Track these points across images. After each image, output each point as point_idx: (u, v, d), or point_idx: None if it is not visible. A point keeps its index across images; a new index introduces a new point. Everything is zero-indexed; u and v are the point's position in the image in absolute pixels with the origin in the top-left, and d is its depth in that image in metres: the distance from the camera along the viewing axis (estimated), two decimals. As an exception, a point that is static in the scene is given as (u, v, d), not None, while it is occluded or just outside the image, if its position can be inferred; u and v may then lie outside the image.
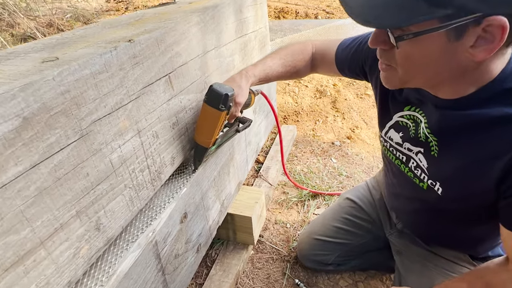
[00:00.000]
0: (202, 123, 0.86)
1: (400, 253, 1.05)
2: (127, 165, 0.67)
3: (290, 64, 0.99)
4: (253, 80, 0.91)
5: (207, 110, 0.82)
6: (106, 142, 0.60)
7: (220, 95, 0.78)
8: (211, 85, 0.80)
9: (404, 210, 0.98)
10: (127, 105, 0.65)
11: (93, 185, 0.58)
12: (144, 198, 0.74)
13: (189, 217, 0.93)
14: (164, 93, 0.77)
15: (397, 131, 0.82)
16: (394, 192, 0.99)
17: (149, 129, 0.73)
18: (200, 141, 0.88)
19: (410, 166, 0.82)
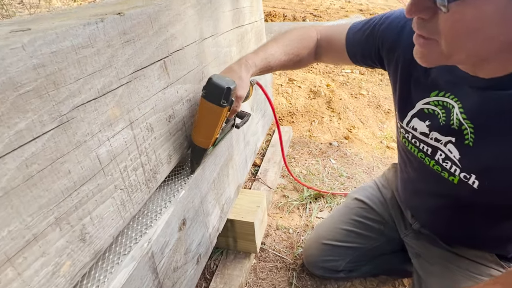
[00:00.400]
0: (200, 121, 0.75)
1: (419, 255, 0.97)
2: (118, 162, 0.56)
3: (293, 52, 0.90)
4: (254, 70, 0.82)
5: (206, 107, 0.71)
6: (92, 133, 0.50)
7: (221, 89, 0.68)
8: (210, 78, 0.68)
9: (425, 208, 0.89)
10: (117, 89, 0.55)
11: (77, 185, 0.47)
12: (138, 202, 0.63)
13: (188, 223, 0.82)
14: (159, 80, 0.67)
15: (422, 120, 0.74)
16: (412, 188, 0.91)
17: (143, 121, 0.62)
18: (198, 142, 0.78)
19: (437, 159, 0.74)
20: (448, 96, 0.68)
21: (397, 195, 1.07)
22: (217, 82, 0.68)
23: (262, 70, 0.85)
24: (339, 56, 0.93)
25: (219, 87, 0.68)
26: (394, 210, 1.07)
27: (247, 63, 0.80)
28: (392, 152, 1.96)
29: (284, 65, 0.90)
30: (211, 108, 0.70)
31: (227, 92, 0.68)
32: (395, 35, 0.77)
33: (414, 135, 0.77)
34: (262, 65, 0.83)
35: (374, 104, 2.35)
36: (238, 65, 0.79)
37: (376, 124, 2.19)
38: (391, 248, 1.09)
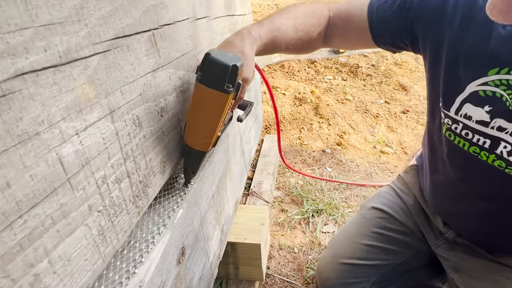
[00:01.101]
0: (196, 116, 0.55)
1: (458, 269, 0.82)
2: (93, 170, 0.37)
3: (303, 29, 0.74)
4: (259, 45, 0.64)
5: (204, 95, 0.51)
6: (49, 121, 0.30)
7: (225, 68, 0.49)
8: (207, 54, 0.50)
9: (468, 213, 0.75)
10: (90, 59, 0.36)
11: (22, 208, 0.28)
12: (124, 228, 0.43)
13: (187, 253, 0.62)
14: (147, 57, 0.48)
15: (478, 105, 0.61)
16: (451, 192, 0.77)
17: (128, 111, 0.43)
18: (194, 144, 0.58)
19: (500, 152, 0.60)
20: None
21: (422, 201, 0.93)
22: (218, 59, 0.49)
23: (267, 47, 0.68)
24: (358, 37, 0.79)
25: (221, 65, 0.49)
26: (420, 218, 0.92)
27: (250, 35, 0.62)
28: (388, 157, 1.86)
29: (291, 43, 0.73)
30: (212, 95, 0.51)
31: (232, 72, 0.49)
32: (438, 4, 0.64)
33: (467, 125, 0.63)
34: (268, 39, 0.66)
35: (362, 109, 2.27)
36: (239, 37, 0.61)
37: (367, 129, 2.10)
38: (419, 262, 0.95)
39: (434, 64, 0.69)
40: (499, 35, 0.57)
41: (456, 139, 0.67)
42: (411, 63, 2.79)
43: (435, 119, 0.75)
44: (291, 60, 2.87)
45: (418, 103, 2.33)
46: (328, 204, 1.43)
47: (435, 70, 0.69)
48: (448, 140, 0.70)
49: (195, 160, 0.61)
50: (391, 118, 2.19)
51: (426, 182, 0.88)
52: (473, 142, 0.64)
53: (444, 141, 0.71)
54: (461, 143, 0.66)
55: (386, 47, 0.79)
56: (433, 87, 0.72)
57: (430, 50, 0.69)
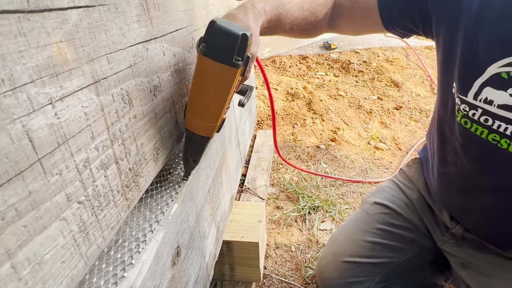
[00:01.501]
0: (200, 95, 0.47)
1: (466, 266, 0.78)
2: (72, 151, 0.29)
3: (309, 8, 0.68)
4: (263, 20, 0.58)
5: (209, 69, 0.44)
6: (12, 82, 0.23)
7: (235, 37, 0.42)
8: (212, 22, 0.43)
9: (480, 207, 0.71)
10: (68, 11, 0.29)
11: (-26, 194, 0.21)
12: (111, 225, 0.36)
13: (183, 253, 0.55)
14: (139, 24, 0.41)
15: (501, 88, 0.56)
16: (463, 185, 0.72)
17: (116, 83, 0.36)
18: (197, 128, 0.50)
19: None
20: None
21: (427, 195, 0.88)
22: (226, 27, 0.42)
23: (271, 24, 0.61)
24: (365, 19, 0.73)
25: (230, 34, 0.42)
26: (425, 213, 0.88)
27: (254, 8, 0.55)
28: (382, 153, 1.83)
29: (296, 24, 0.67)
30: (218, 70, 0.44)
31: (242, 42, 0.42)
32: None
33: (487, 110, 0.59)
34: (273, 15, 0.60)
35: (355, 105, 2.23)
36: (242, 10, 0.54)
37: (360, 125, 2.06)
38: (424, 259, 0.90)
39: (449, 47, 0.64)
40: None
41: (473, 127, 0.62)
42: (402, 60, 2.79)
43: (446, 107, 0.70)
44: (283, 56, 2.81)
45: (411, 99, 2.31)
46: (324, 201, 1.38)
47: (450, 53, 0.65)
48: (463, 129, 0.65)
49: (197, 147, 0.54)
50: (384, 114, 2.17)
51: (432, 175, 0.84)
52: (493, 128, 0.59)
53: (458, 130, 0.67)
54: (478, 131, 0.62)
55: (395, 31, 0.74)
56: (446, 72, 0.67)
57: (444, 32, 0.64)
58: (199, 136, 0.51)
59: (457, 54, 0.62)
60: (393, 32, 0.75)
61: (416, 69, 2.69)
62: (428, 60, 2.82)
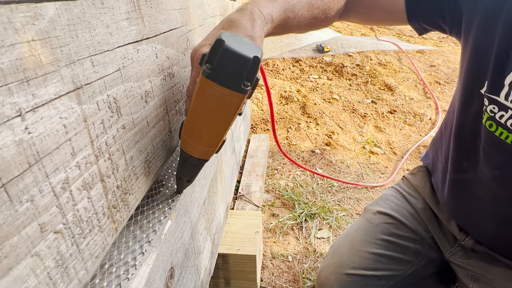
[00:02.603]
0: (200, 118, 0.41)
1: (477, 278, 0.75)
2: (47, 171, 0.25)
3: (320, 6, 0.63)
4: (269, 28, 0.52)
5: (213, 94, 0.38)
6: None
7: (245, 61, 0.36)
8: (219, 40, 0.35)
9: (494, 218, 0.67)
10: (43, 4, 0.24)
11: None
12: (95, 253, 0.31)
13: (177, 274, 0.50)
14: (128, 22, 0.37)
15: None
16: (481, 193, 0.68)
17: (102, 90, 0.32)
18: (195, 151, 0.45)
19: None
20: None
21: (434, 205, 0.85)
22: (235, 49, 0.36)
23: (276, 30, 0.56)
24: (387, 12, 0.69)
25: (240, 57, 0.36)
26: (431, 223, 0.85)
27: (260, 14, 0.49)
28: (377, 158, 1.81)
29: (304, 24, 0.62)
30: (223, 95, 0.37)
31: (253, 65, 0.36)
32: None
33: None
34: (280, 21, 0.54)
35: (349, 109, 2.21)
36: (247, 16, 0.48)
37: (355, 129, 2.04)
38: (429, 271, 0.87)
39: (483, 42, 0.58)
40: None
41: (498, 130, 0.58)
42: (395, 64, 2.79)
43: (470, 108, 0.65)
44: (276, 58, 2.78)
45: (404, 103, 2.31)
46: (321, 208, 1.35)
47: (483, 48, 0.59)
48: (487, 132, 0.61)
49: (192, 169, 0.48)
50: (379, 118, 2.15)
51: (442, 182, 0.80)
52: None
53: (483, 133, 0.62)
54: (503, 135, 0.57)
55: (418, 25, 0.69)
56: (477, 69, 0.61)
57: (478, 26, 0.59)
58: (195, 159, 0.46)
59: (493, 49, 0.57)
60: (413, 26, 0.70)
61: (408, 72, 2.69)
62: (420, 64, 2.83)
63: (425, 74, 2.66)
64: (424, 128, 2.08)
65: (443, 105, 2.27)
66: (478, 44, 0.60)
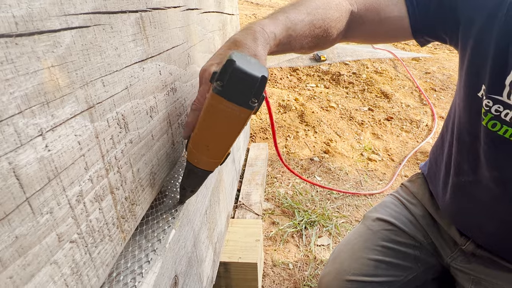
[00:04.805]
0: (208, 132, 0.45)
1: (479, 282, 0.76)
2: (64, 185, 0.27)
3: (322, 25, 0.64)
4: (272, 46, 0.55)
5: (222, 109, 0.41)
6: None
7: (253, 80, 0.39)
8: (230, 60, 0.39)
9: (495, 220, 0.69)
10: (61, 33, 0.26)
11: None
12: (105, 261, 0.33)
13: (180, 282, 0.52)
14: (134, 44, 0.39)
15: None
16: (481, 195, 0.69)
17: (111, 107, 0.34)
18: (200, 162, 0.47)
19: None
20: None
21: (433, 211, 0.87)
22: (245, 69, 0.39)
23: (279, 48, 0.58)
24: (392, 30, 0.71)
25: (249, 76, 0.39)
26: (431, 229, 0.86)
27: (263, 32, 0.52)
28: (375, 165, 1.83)
29: (307, 43, 0.64)
30: (232, 111, 0.41)
31: (261, 84, 0.40)
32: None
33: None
34: (282, 39, 0.57)
35: (347, 116, 2.24)
36: (250, 35, 0.51)
37: (353, 136, 2.07)
38: (428, 277, 0.88)
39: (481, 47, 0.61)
40: None
41: (503, 128, 0.60)
42: (391, 71, 2.83)
43: (470, 111, 0.68)
44: (273, 68, 2.83)
45: (401, 110, 2.34)
46: (320, 215, 1.36)
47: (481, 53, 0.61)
48: (489, 132, 0.63)
49: (197, 180, 0.51)
50: (376, 125, 2.18)
51: (443, 187, 0.81)
52: None
53: (483, 134, 0.64)
54: (508, 133, 0.59)
55: (422, 39, 0.72)
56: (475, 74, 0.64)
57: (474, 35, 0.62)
58: (200, 170, 0.48)
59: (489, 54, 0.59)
60: (418, 40, 0.73)
61: (404, 80, 2.73)
62: (416, 71, 2.87)
63: (420, 81, 2.71)
64: (421, 134, 2.10)
65: (439, 112, 2.30)
66: (476, 50, 0.63)
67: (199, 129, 0.44)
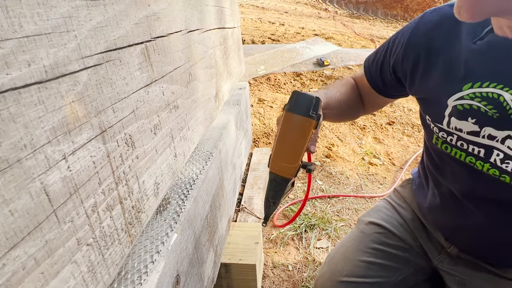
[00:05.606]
0: (284, 142, 0.61)
1: (464, 284, 0.80)
2: (82, 198, 0.32)
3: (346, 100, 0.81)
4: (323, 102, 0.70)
5: (292, 121, 0.59)
6: (33, 146, 0.26)
7: (310, 99, 0.59)
8: (295, 91, 0.60)
9: (470, 227, 0.74)
10: (79, 73, 0.32)
11: (0, 249, 0.23)
12: (116, 261, 0.39)
13: (182, 281, 0.58)
14: (140, 71, 0.45)
15: (462, 118, 0.62)
16: (449, 206, 0.75)
17: (120, 130, 0.40)
18: (279, 169, 0.61)
19: (494, 161, 0.60)
20: (488, 85, 0.56)
21: (421, 215, 0.91)
22: (304, 93, 0.60)
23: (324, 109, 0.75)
24: (371, 94, 0.84)
25: (307, 96, 0.59)
26: (420, 233, 0.91)
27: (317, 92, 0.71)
28: (376, 169, 1.87)
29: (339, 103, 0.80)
30: (298, 121, 0.58)
31: (316, 102, 0.59)
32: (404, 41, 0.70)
33: (461, 136, 0.64)
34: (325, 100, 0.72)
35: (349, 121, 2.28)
36: None
37: (355, 141, 2.11)
38: (418, 278, 0.92)
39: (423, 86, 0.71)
40: (471, 50, 0.60)
41: (453, 151, 0.67)
42: (393, 76, 2.86)
43: (431, 136, 0.75)
44: (277, 73, 2.88)
45: (403, 114, 2.37)
46: (320, 219, 1.41)
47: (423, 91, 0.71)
48: (443, 153, 0.69)
49: (278, 189, 0.63)
50: (378, 130, 2.21)
51: (422, 196, 0.87)
52: (469, 152, 0.64)
53: (442, 153, 0.71)
54: (457, 154, 0.66)
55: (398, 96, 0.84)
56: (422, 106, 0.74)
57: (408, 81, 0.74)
58: (280, 177, 0.60)
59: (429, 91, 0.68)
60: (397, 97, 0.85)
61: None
62: (419, 75, 2.90)
63: (423, 85, 2.73)
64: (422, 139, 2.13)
65: (441, 116, 2.32)
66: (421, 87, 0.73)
67: (277, 143, 0.60)
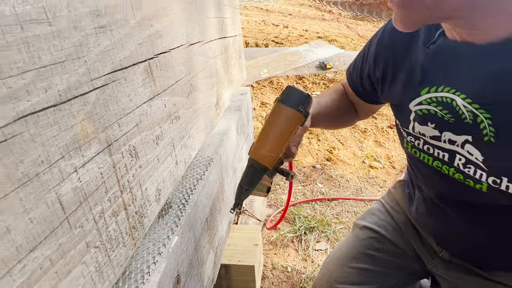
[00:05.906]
0: (270, 130, 0.62)
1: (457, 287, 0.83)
2: (91, 206, 0.36)
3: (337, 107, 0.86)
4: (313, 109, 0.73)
5: (280, 111, 0.61)
6: (49, 161, 0.30)
7: (303, 94, 0.61)
8: (288, 85, 0.62)
9: (453, 231, 0.76)
10: (88, 95, 0.36)
11: (21, 252, 0.27)
12: (120, 262, 0.43)
13: (182, 281, 0.61)
14: (143, 87, 0.49)
15: (423, 123, 0.64)
16: (432, 211, 0.78)
17: (125, 142, 0.43)
18: (260, 156, 0.60)
19: (457, 165, 0.62)
20: (442, 89, 0.58)
21: (413, 219, 0.94)
22: (297, 88, 0.62)
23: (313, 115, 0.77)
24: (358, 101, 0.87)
25: (300, 92, 0.61)
26: (413, 237, 0.93)
27: None
28: (376, 172, 1.89)
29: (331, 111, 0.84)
30: (287, 113, 0.60)
31: (307, 98, 0.61)
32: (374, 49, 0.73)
33: (426, 140, 0.65)
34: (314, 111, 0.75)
35: (350, 124, 2.31)
36: None
37: (355, 144, 2.13)
38: (411, 282, 0.95)
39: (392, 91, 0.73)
40: (426, 54, 0.61)
41: (421, 155, 0.68)
42: (396, 79, 2.87)
43: (402, 141, 0.77)
44: (280, 76, 2.91)
45: (404, 118, 2.39)
46: (320, 221, 1.44)
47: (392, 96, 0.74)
48: (415, 157, 0.71)
49: (254, 176, 0.62)
50: (379, 133, 2.24)
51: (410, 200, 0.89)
52: (435, 156, 0.65)
53: (413, 158, 0.73)
54: (425, 159, 0.68)
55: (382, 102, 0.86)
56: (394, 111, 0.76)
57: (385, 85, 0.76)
58: (259, 165, 0.60)
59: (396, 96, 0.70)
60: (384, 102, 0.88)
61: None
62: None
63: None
64: (423, 142, 2.15)
65: (442, 119, 2.34)
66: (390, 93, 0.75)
67: (263, 130, 0.62)
